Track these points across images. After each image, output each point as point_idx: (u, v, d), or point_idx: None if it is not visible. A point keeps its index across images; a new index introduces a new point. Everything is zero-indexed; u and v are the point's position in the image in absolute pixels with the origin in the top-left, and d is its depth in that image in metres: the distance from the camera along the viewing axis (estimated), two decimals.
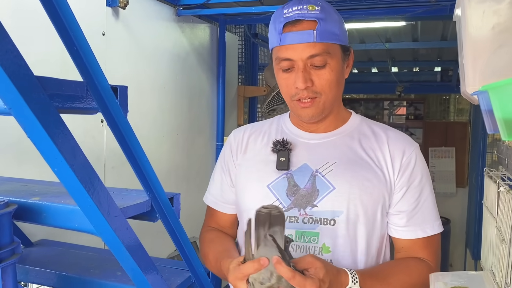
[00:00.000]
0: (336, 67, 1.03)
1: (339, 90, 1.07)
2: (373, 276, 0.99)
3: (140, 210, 0.95)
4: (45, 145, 0.69)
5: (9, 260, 0.82)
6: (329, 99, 1.05)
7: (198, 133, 2.57)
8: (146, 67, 2.06)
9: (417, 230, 1.05)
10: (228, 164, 1.20)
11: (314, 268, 0.85)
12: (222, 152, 1.25)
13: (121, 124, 0.84)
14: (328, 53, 1.01)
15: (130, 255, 0.88)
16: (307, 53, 0.99)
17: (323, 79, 1.02)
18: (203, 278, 1.17)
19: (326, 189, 1.05)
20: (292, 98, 1.06)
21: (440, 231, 1.08)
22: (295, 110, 1.09)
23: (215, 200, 1.24)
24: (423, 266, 1.04)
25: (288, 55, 1.01)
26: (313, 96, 1.03)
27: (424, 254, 1.06)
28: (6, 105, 0.65)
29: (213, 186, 1.24)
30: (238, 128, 1.26)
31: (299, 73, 1.01)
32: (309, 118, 1.07)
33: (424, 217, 1.06)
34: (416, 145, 1.11)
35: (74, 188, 0.75)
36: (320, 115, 1.07)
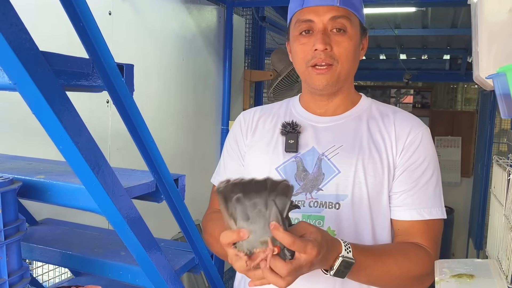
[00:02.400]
0: (354, 37, 1.03)
1: (354, 64, 1.07)
2: (367, 251, 0.97)
3: (145, 191, 0.94)
4: (50, 122, 0.68)
5: (14, 237, 0.83)
6: (344, 70, 1.04)
7: (204, 117, 2.56)
8: (152, 48, 2.04)
9: (412, 211, 1.02)
10: (238, 144, 1.19)
11: (309, 233, 0.81)
12: (230, 133, 1.24)
13: (127, 103, 0.84)
14: (349, 19, 1.02)
15: (134, 235, 0.88)
16: (330, 14, 1.01)
17: (341, 46, 1.02)
18: (206, 259, 1.17)
19: (331, 172, 1.04)
20: (307, 64, 1.04)
21: (439, 217, 1.04)
22: (309, 78, 1.06)
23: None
24: (422, 252, 1.01)
25: (310, 16, 1.02)
26: (330, 62, 1.02)
27: (422, 239, 1.02)
28: (11, 80, 0.64)
29: (223, 168, 1.23)
30: (248, 109, 1.25)
31: (319, 34, 1.01)
32: (323, 87, 1.05)
33: (422, 200, 1.03)
34: (424, 127, 1.08)
35: (79, 167, 0.74)
36: (334, 84, 1.05)
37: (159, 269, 0.96)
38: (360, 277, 0.97)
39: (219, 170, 1.25)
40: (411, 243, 1.03)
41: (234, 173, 1.20)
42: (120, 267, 1.10)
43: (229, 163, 1.21)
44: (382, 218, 1.06)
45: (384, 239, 1.07)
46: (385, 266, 0.97)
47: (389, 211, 1.06)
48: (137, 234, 0.88)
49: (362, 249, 0.96)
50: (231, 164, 1.21)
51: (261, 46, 3.21)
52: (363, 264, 0.93)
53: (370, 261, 0.96)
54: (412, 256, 1.01)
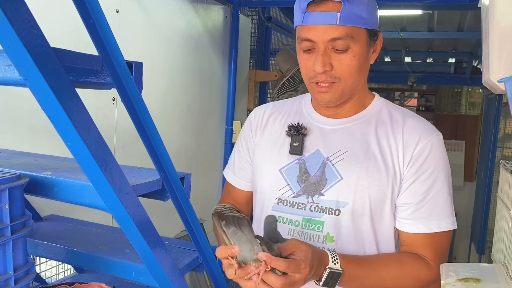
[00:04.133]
0: (359, 53, 0.98)
1: (360, 76, 1.03)
2: (358, 262, 0.97)
3: (151, 189, 0.94)
4: (59, 118, 0.68)
5: (20, 233, 0.83)
6: (348, 85, 1.01)
7: (208, 116, 2.56)
8: (158, 47, 2.04)
9: (419, 224, 1.00)
10: (247, 142, 1.20)
11: (300, 251, 0.88)
12: (242, 129, 1.25)
13: (135, 100, 0.84)
14: (351, 37, 0.96)
15: (140, 233, 0.88)
16: (329, 35, 0.96)
17: (343, 64, 0.98)
18: (210, 259, 1.17)
19: (334, 178, 1.03)
20: (310, 81, 1.03)
21: (449, 229, 1.01)
22: (312, 93, 1.06)
23: (234, 176, 1.24)
24: (420, 262, 0.99)
25: (309, 35, 0.98)
26: (332, 81, 1.00)
27: (425, 251, 1.00)
28: (22, 76, 0.64)
29: (233, 162, 1.25)
30: (260, 106, 1.25)
31: (319, 56, 0.98)
32: (325, 103, 1.05)
33: (430, 212, 1.00)
34: (435, 134, 1.03)
35: (87, 163, 0.74)
36: (338, 100, 1.03)
37: (164, 267, 0.96)
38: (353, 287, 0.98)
39: (230, 164, 1.27)
40: (412, 254, 1.01)
41: (240, 169, 1.22)
42: (124, 264, 1.10)
43: (237, 159, 1.23)
44: (385, 227, 1.04)
45: (388, 248, 1.05)
46: (378, 277, 0.98)
47: (393, 220, 1.04)
48: (143, 232, 0.88)
49: (352, 260, 0.96)
50: (238, 160, 1.23)
51: (267, 46, 3.21)
52: (353, 274, 0.95)
53: (361, 272, 0.96)
54: (408, 268, 0.99)
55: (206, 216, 2.14)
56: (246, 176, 1.22)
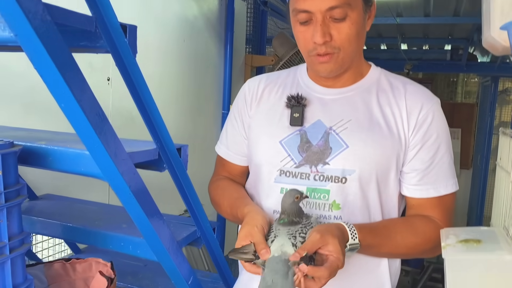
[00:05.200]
0: (357, 20, 0.97)
1: (359, 44, 1.03)
2: (373, 232, 0.99)
3: (148, 158, 0.93)
4: (52, 77, 0.66)
5: (14, 201, 0.81)
6: (348, 54, 1.01)
7: (205, 101, 2.54)
8: (153, 28, 2.02)
9: (430, 189, 1.03)
10: (241, 115, 1.18)
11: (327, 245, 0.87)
12: (235, 101, 1.22)
13: (129, 64, 0.82)
14: (348, 5, 0.95)
15: (137, 201, 0.87)
16: (326, 4, 0.94)
17: (343, 33, 0.97)
18: (208, 233, 1.16)
19: (339, 147, 1.02)
20: (309, 53, 1.01)
21: (455, 190, 1.05)
22: (312, 65, 1.05)
23: (227, 151, 1.22)
24: (431, 225, 1.02)
25: (306, 6, 0.96)
26: (332, 52, 0.99)
27: (435, 213, 1.04)
28: (12, 31, 0.63)
29: (226, 137, 1.22)
30: (253, 77, 1.22)
31: (318, 26, 0.96)
32: (327, 74, 1.04)
33: (438, 176, 1.03)
34: (435, 100, 1.06)
35: (81, 126, 0.73)
36: (338, 70, 1.03)
37: (162, 238, 0.95)
38: (370, 254, 1.01)
39: (222, 138, 1.24)
40: (421, 217, 1.04)
41: (235, 143, 1.20)
42: (121, 238, 1.09)
43: (231, 133, 1.20)
44: (390, 193, 1.05)
45: (392, 213, 1.06)
46: (392, 243, 1.00)
47: (398, 186, 1.05)
48: (139, 200, 0.87)
49: (368, 230, 0.97)
50: (232, 134, 1.20)
51: (263, 31, 3.19)
52: (370, 244, 0.97)
53: (377, 241, 0.99)
54: (420, 232, 1.01)
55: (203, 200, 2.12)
56: (241, 151, 1.20)
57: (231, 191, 1.17)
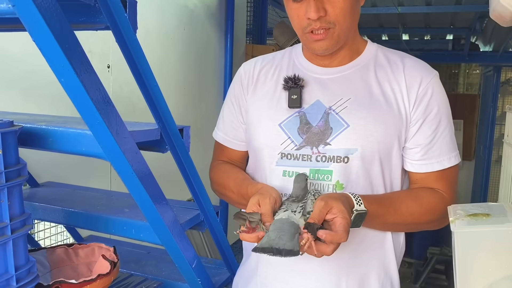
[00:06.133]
0: None
1: (354, 18, 1.01)
2: (378, 201, 0.98)
3: (149, 137, 0.92)
4: (51, 49, 0.65)
5: (15, 180, 0.80)
6: (344, 30, 0.99)
7: (205, 90, 2.53)
8: (153, 16, 2.00)
9: (434, 163, 1.03)
10: (238, 99, 1.16)
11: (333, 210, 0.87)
12: (231, 86, 1.20)
13: (130, 41, 0.81)
14: None
15: (139, 181, 0.85)
16: None
17: (337, 7, 0.95)
18: (211, 216, 1.15)
19: (340, 127, 1.01)
20: (304, 31, 1.00)
21: (457, 162, 1.05)
22: (307, 43, 1.03)
23: (225, 137, 1.20)
24: (435, 195, 1.02)
25: None
26: (327, 27, 0.97)
27: (439, 185, 1.04)
28: (10, 2, 0.61)
29: (222, 122, 1.21)
30: (249, 60, 1.20)
31: (311, 2, 0.95)
32: (323, 51, 1.02)
33: (441, 149, 1.03)
34: (434, 73, 1.05)
35: (81, 101, 0.71)
36: (334, 46, 1.01)
37: (165, 219, 0.94)
38: (375, 225, 1.01)
39: (219, 124, 1.23)
40: (426, 189, 1.04)
41: (232, 129, 1.18)
42: (124, 222, 1.08)
43: (228, 119, 1.19)
44: (393, 170, 1.04)
45: (396, 190, 1.06)
46: (397, 213, 1.00)
47: (401, 162, 1.05)
48: (142, 180, 0.86)
49: (373, 200, 0.97)
50: (229, 119, 1.19)
51: (263, 20, 3.17)
52: (375, 213, 0.96)
53: (383, 210, 0.98)
54: (424, 202, 1.01)
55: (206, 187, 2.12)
56: (239, 136, 1.18)
57: (236, 173, 1.16)
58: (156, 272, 1.33)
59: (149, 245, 1.34)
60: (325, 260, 0.99)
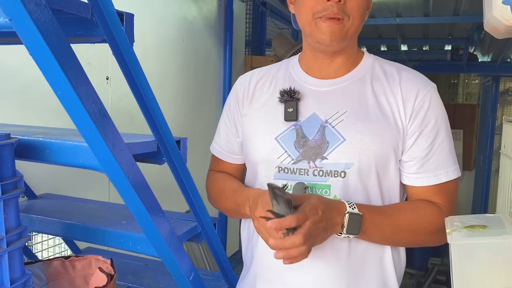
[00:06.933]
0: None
1: (362, 21, 1.02)
2: (375, 209, 0.98)
3: (146, 149, 0.92)
4: (47, 63, 0.65)
5: (11, 193, 0.80)
6: (354, 26, 0.99)
7: (204, 101, 2.53)
8: (151, 27, 2.01)
9: (430, 177, 1.01)
10: (233, 114, 1.16)
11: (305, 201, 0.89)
12: (228, 100, 1.20)
13: (127, 54, 0.81)
14: None
15: (136, 193, 0.85)
16: None
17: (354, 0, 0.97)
18: (209, 228, 1.14)
19: (336, 140, 1.01)
20: (316, 15, 0.97)
21: (456, 177, 1.02)
22: (315, 30, 1.00)
23: (221, 150, 1.21)
24: (433, 208, 1.01)
25: None
26: (341, 17, 0.96)
27: (437, 199, 1.02)
28: (7, 16, 0.62)
29: (218, 136, 1.21)
30: (245, 74, 1.20)
31: None
32: (330, 41, 0.98)
33: (438, 163, 1.01)
34: (431, 85, 1.04)
35: (77, 114, 0.72)
36: (341, 40, 0.99)
37: (161, 231, 0.93)
38: (374, 235, 0.99)
39: (215, 137, 1.24)
40: (424, 201, 1.02)
41: (227, 142, 1.19)
42: (121, 234, 1.08)
43: (223, 132, 1.20)
44: (390, 183, 1.03)
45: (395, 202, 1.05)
46: (395, 223, 0.98)
47: (398, 176, 1.04)
48: (138, 192, 0.85)
49: (368, 207, 0.97)
50: (225, 132, 1.19)
51: (262, 32, 3.19)
52: (372, 221, 0.95)
53: (380, 218, 0.97)
54: (422, 213, 1.00)
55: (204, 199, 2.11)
56: (233, 149, 1.19)
57: (231, 180, 1.17)
58: (154, 284, 1.32)
59: (147, 257, 1.34)
60: (324, 276, 0.98)
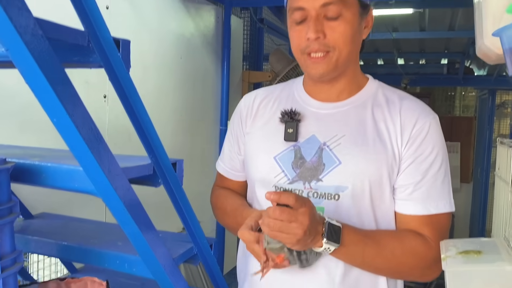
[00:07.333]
0: (351, 20, 0.96)
1: (354, 47, 1.00)
2: (356, 229, 0.96)
3: (142, 173, 0.92)
4: (43, 91, 0.66)
5: (6, 218, 0.80)
6: (343, 55, 0.98)
7: (202, 117, 2.54)
8: (149, 45, 2.03)
9: (418, 206, 0.98)
10: (236, 132, 1.18)
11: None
12: (232, 118, 1.23)
13: (123, 79, 0.82)
14: (343, 3, 0.95)
15: (131, 217, 0.85)
16: (320, 1, 0.94)
17: (336, 31, 0.96)
18: (205, 249, 1.14)
19: (332, 163, 1.01)
20: (302, 52, 0.99)
21: (448, 211, 0.99)
22: (305, 67, 1.02)
23: (225, 167, 1.23)
24: (419, 240, 0.97)
25: (300, 3, 0.96)
26: (326, 50, 0.97)
27: (425, 231, 0.98)
28: (4, 46, 0.62)
29: (223, 152, 1.24)
30: (249, 93, 1.22)
31: (311, 22, 0.95)
32: (320, 76, 1.00)
33: (429, 193, 0.98)
34: (432, 116, 1.02)
35: (73, 141, 0.72)
36: (332, 72, 1.00)
37: (157, 254, 0.93)
38: (355, 253, 0.95)
39: (221, 154, 1.26)
40: (410, 231, 0.99)
41: (230, 159, 1.21)
42: (116, 256, 1.07)
43: (227, 149, 1.22)
44: (385, 210, 1.02)
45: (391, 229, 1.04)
46: (377, 247, 0.96)
47: (393, 204, 1.02)
48: (134, 216, 0.86)
49: (350, 225, 0.96)
50: (228, 149, 1.22)
51: (259, 47, 3.21)
52: (352, 237, 0.93)
53: (361, 237, 0.95)
54: (406, 242, 0.97)
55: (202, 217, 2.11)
56: (236, 167, 1.21)
57: (234, 198, 1.18)
58: None
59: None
60: None
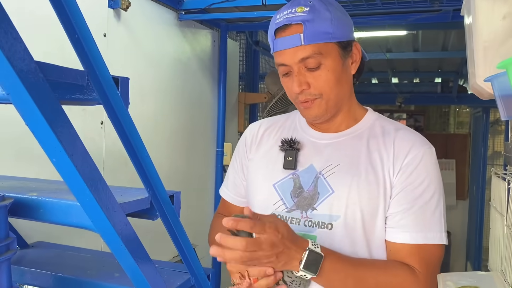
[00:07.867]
0: (333, 66, 1.00)
1: (342, 88, 1.04)
2: (340, 256, 0.95)
3: (140, 207, 0.92)
4: (43, 133, 0.66)
5: (3, 256, 0.80)
6: (332, 99, 1.03)
7: (199, 139, 2.55)
8: (147, 70, 2.05)
9: (405, 233, 0.97)
10: (241, 159, 1.21)
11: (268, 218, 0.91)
12: (237, 145, 1.26)
13: (122, 116, 0.83)
14: (320, 54, 0.98)
15: (129, 252, 0.85)
16: (298, 56, 0.99)
17: (320, 80, 1.01)
18: (202, 280, 1.14)
19: (325, 192, 1.03)
20: (294, 101, 1.07)
21: (437, 242, 0.97)
22: (300, 111, 1.10)
23: (228, 192, 1.26)
24: (405, 271, 0.95)
25: (282, 60, 1.02)
26: (312, 98, 1.02)
27: (412, 261, 0.96)
28: (4, 90, 0.63)
29: (227, 178, 1.27)
30: (256, 121, 1.27)
31: (294, 77, 1.01)
32: (312, 119, 1.07)
33: (417, 222, 0.97)
34: (426, 146, 1.02)
35: (73, 180, 0.72)
36: (324, 115, 1.05)
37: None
38: (334, 283, 0.94)
39: (225, 180, 1.29)
40: (397, 261, 0.98)
41: (235, 185, 1.23)
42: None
43: (232, 175, 1.25)
44: (379, 240, 1.02)
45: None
46: (361, 276, 0.95)
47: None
48: (131, 251, 0.86)
49: (335, 253, 0.96)
50: (233, 175, 1.24)
51: (255, 69, 3.24)
52: (334, 266, 0.93)
53: (343, 266, 0.94)
54: (391, 272, 0.96)
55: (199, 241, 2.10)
56: (240, 193, 1.23)
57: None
58: None
59: None
60: None
